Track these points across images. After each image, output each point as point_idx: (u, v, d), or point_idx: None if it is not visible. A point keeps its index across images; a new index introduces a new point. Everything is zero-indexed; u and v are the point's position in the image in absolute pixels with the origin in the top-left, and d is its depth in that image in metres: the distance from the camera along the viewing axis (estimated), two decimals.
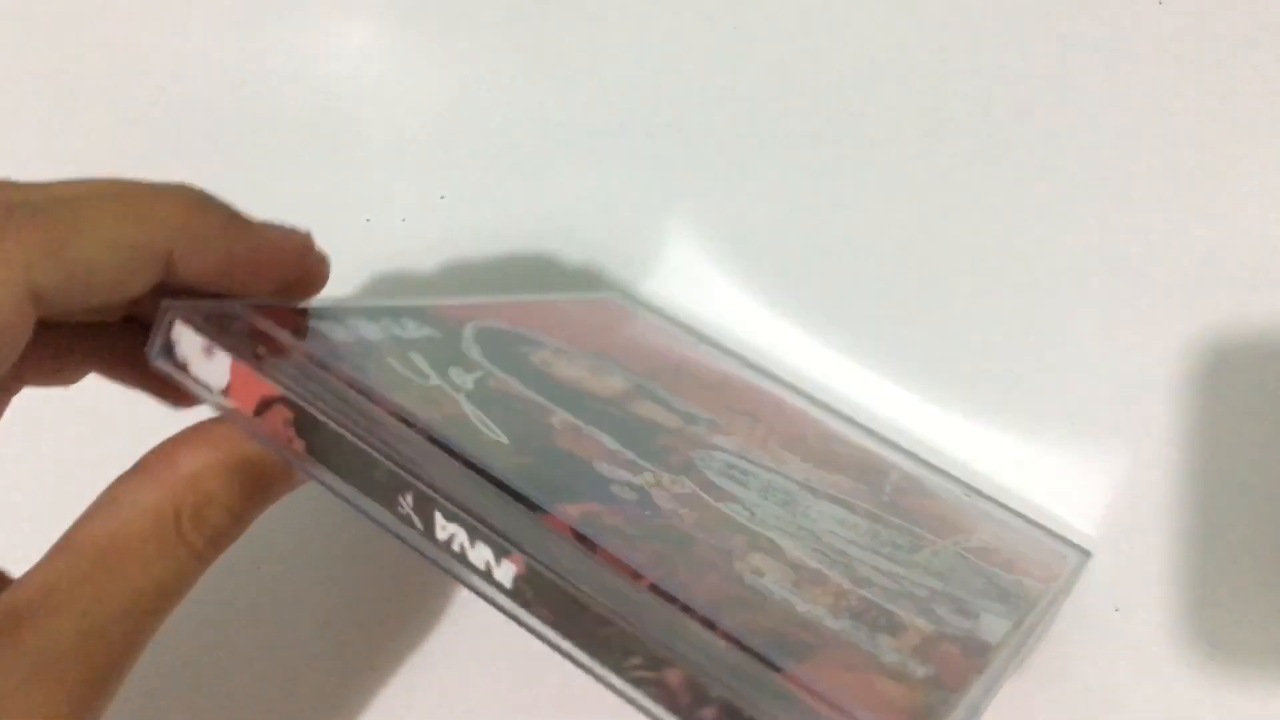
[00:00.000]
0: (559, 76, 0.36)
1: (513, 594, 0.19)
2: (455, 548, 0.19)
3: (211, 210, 0.22)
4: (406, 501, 0.20)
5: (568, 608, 0.18)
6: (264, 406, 0.21)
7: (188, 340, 0.21)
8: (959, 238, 0.33)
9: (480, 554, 0.19)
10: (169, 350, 0.22)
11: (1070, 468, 0.31)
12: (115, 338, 0.24)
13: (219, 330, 0.21)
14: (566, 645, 0.18)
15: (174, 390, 0.22)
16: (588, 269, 0.35)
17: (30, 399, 0.24)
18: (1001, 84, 0.33)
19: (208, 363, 0.21)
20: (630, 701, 0.18)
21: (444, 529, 0.19)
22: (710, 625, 0.18)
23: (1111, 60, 0.32)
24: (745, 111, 0.34)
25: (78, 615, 0.20)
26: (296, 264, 0.24)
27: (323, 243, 0.24)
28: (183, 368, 0.21)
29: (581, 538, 0.19)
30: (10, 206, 0.19)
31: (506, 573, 0.19)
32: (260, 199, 0.24)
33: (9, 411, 0.23)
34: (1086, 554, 0.30)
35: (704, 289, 0.34)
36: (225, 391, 0.21)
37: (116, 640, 0.20)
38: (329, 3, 0.37)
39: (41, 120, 0.38)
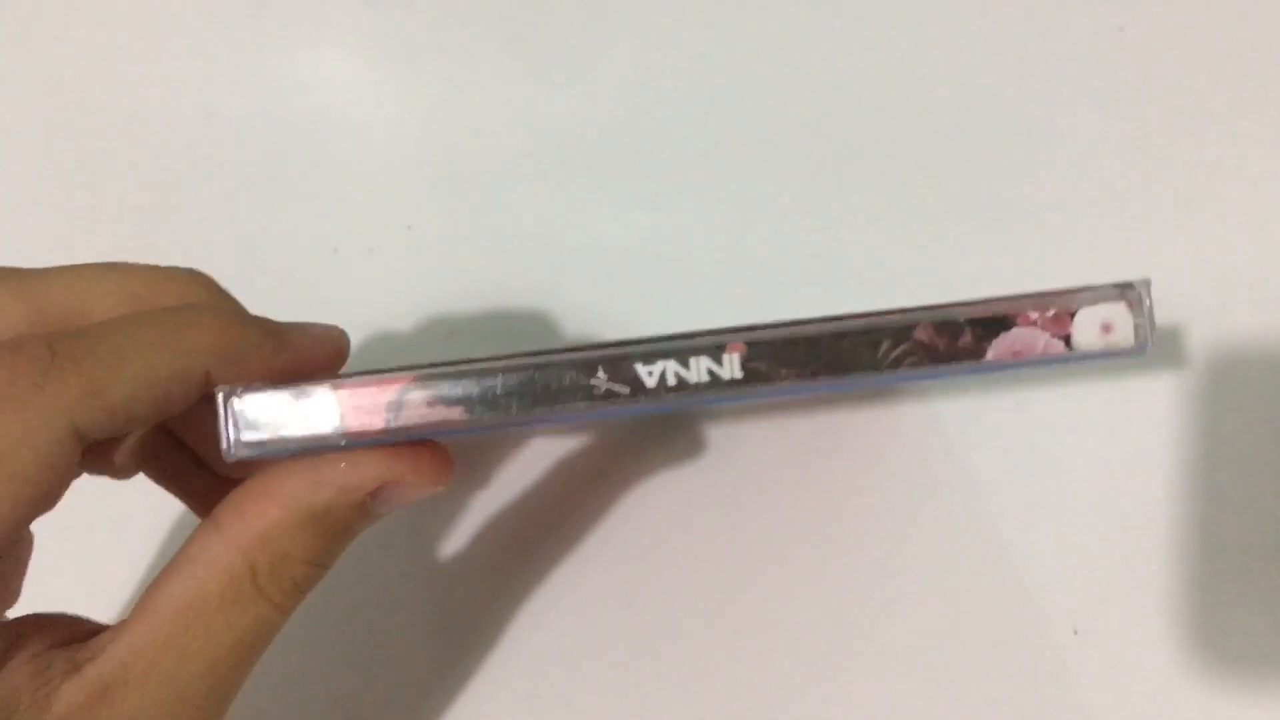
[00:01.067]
0: (526, 107, 0.36)
1: (748, 379, 0.19)
2: (671, 382, 0.19)
3: (247, 328, 0.21)
4: (601, 378, 0.19)
5: (802, 352, 0.19)
6: (396, 408, 0.19)
7: (265, 404, 0.19)
8: (935, 262, 0.34)
9: (699, 369, 0.19)
10: (252, 427, 0.19)
11: None
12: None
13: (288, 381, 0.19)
14: (821, 384, 0.19)
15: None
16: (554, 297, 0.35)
17: None
18: (966, 109, 0.34)
19: (303, 409, 0.19)
20: (902, 381, 0.19)
21: (651, 374, 0.19)
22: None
23: (1073, 84, 0.34)
24: (716, 144, 0.35)
25: (164, 680, 0.20)
26: (333, 365, 0.23)
27: (290, 274, 0.22)
28: (274, 435, 0.19)
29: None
30: (53, 351, 0.19)
31: (732, 365, 0.19)
32: (228, 230, 0.22)
33: None
34: None
35: (679, 316, 0.35)
36: (343, 427, 0.19)
37: (202, 698, 0.20)
38: (296, 34, 0.37)
39: (5, 153, 0.37)
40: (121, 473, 0.25)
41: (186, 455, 0.26)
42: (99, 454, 0.24)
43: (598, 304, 0.34)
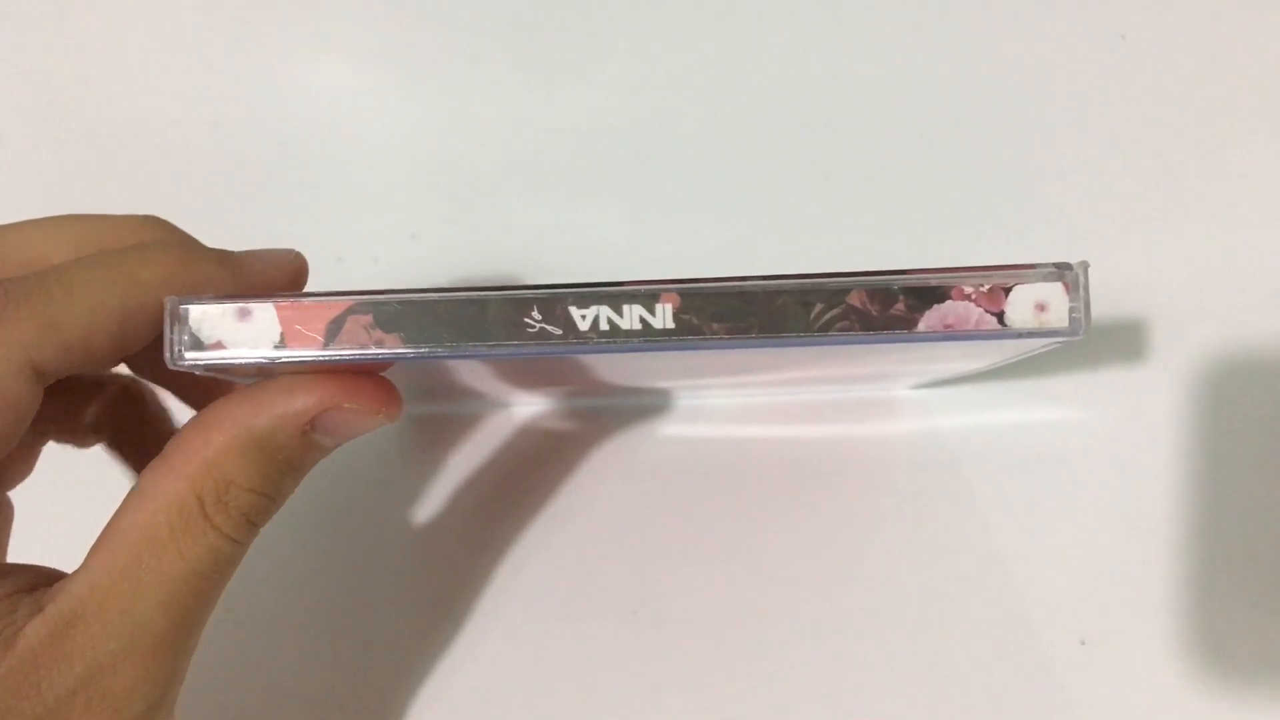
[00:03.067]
0: (529, 115, 0.36)
1: (678, 330, 0.19)
2: (604, 326, 0.20)
3: (199, 258, 0.22)
4: (533, 317, 0.20)
5: (735, 307, 0.19)
6: (335, 329, 0.20)
7: (212, 317, 0.20)
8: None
9: (632, 317, 0.20)
10: (196, 344, 0.20)
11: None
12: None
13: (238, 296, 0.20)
14: (752, 341, 0.19)
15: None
16: None
17: None
18: (971, 115, 0.34)
19: (246, 327, 0.20)
20: (831, 345, 0.19)
21: (584, 317, 0.20)
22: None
23: (1077, 90, 0.34)
24: (719, 151, 0.35)
25: (121, 612, 0.20)
26: (291, 288, 0.24)
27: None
28: (218, 349, 0.20)
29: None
30: (5, 290, 0.20)
31: (664, 314, 0.19)
32: (232, 238, 0.24)
33: None
34: None
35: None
36: (282, 343, 0.20)
37: (162, 630, 0.21)
38: (301, 42, 0.37)
39: (12, 159, 0.37)
40: (87, 438, 0.26)
41: (151, 431, 0.27)
42: (67, 412, 0.25)
43: None
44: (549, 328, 0.20)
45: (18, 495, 0.26)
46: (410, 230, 0.35)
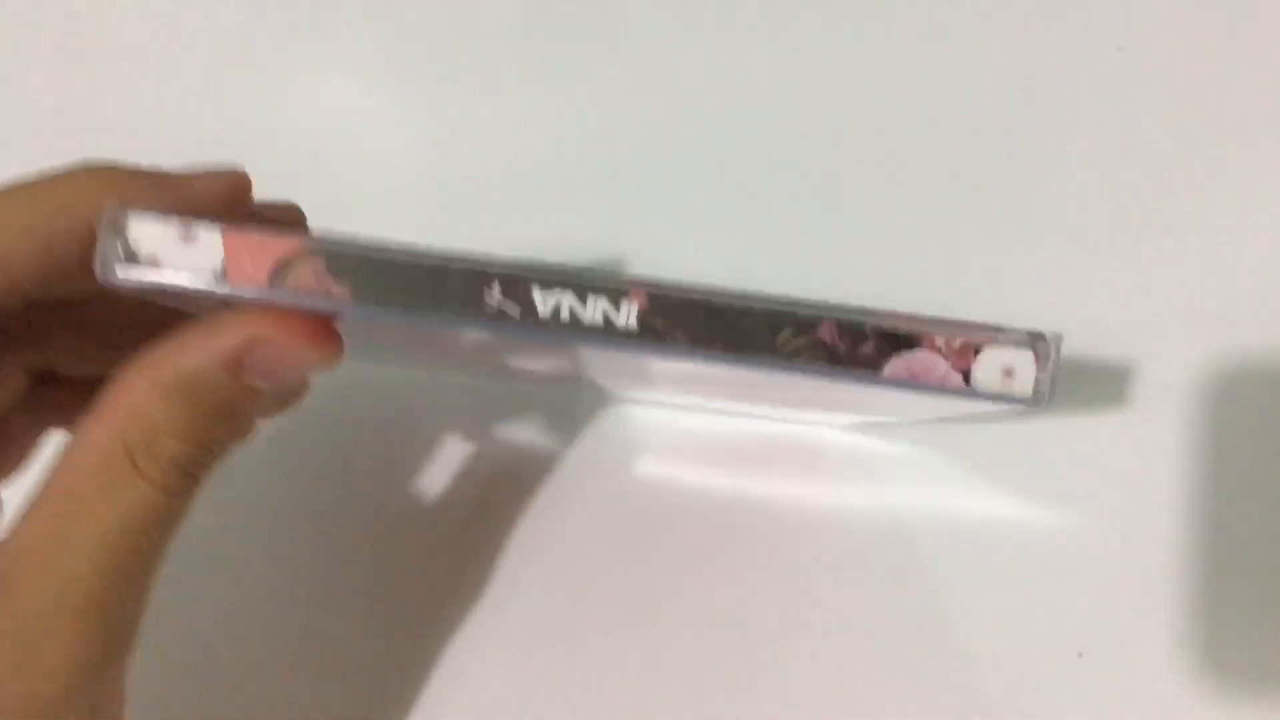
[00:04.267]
0: (539, 126, 0.35)
1: (641, 333, 0.19)
2: (564, 316, 0.19)
3: (131, 177, 0.21)
4: (493, 294, 0.19)
5: (701, 318, 0.19)
6: (282, 269, 0.19)
7: (152, 232, 0.18)
8: (932, 277, 0.34)
9: (595, 309, 0.19)
10: (131, 257, 0.18)
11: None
12: None
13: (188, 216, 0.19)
14: (714, 356, 0.19)
15: None
16: None
17: None
18: (968, 130, 0.34)
19: (188, 249, 0.18)
20: (793, 374, 0.19)
21: (546, 302, 0.19)
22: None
23: (1075, 103, 0.34)
24: (722, 159, 0.35)
25: (51, 569, 0.19)
26: (237, 204, 0.22)
27: None
28: (154, 268, 0.18)
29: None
30: None
31: (629, 314, 0.19)
32: None
33: None
34: None
35: None
36: (223, 274, 0.19)
37: (96, 589, 0.20)
38: (306, 59, 0.37)
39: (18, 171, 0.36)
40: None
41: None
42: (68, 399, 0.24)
43: None
44: (507, 307, 0.19)
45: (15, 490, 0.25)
46: (415, 241, 0.35)
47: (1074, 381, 0.33)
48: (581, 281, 0.19)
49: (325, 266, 0.19)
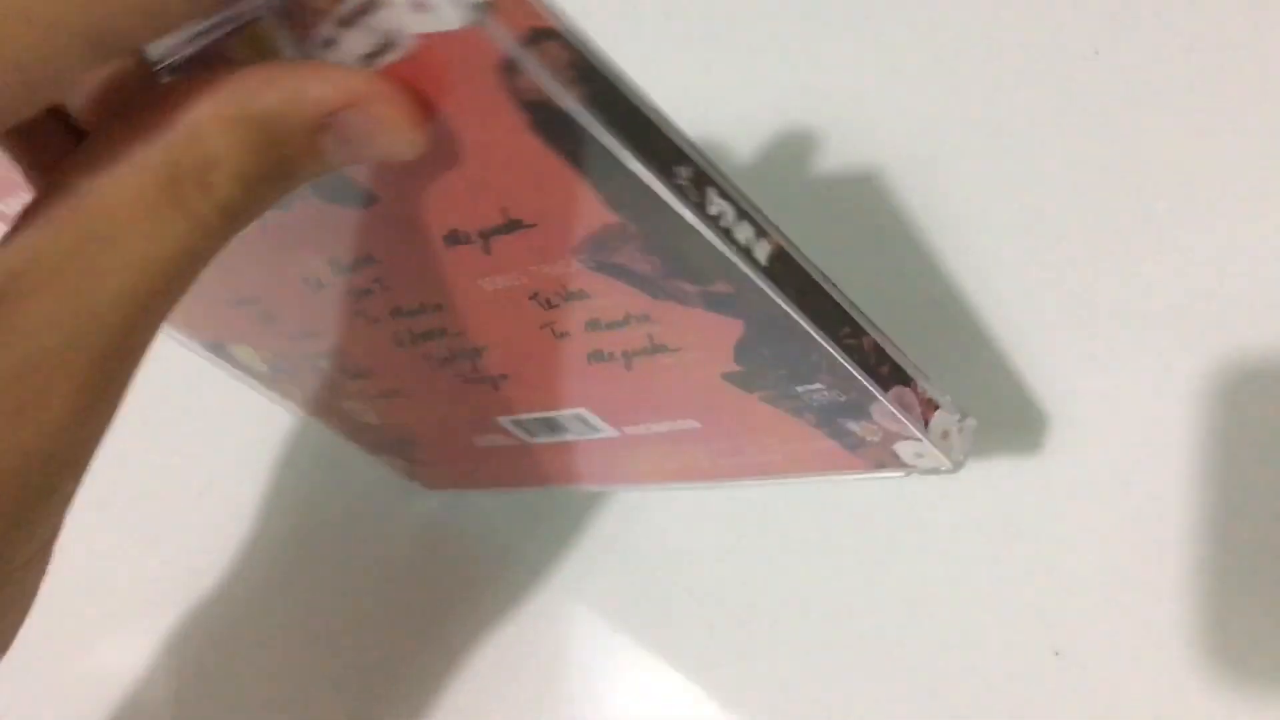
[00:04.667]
0: None
1: (766, 270, 0.21)
2: (724, 223, 0.21)
3: None
4: (684, 173, 0.20)
5: (808, 285, 0.22)
6: (536, 37, 0.19)
7: None
8: (942, 283, 0.35)
9: (743, 231, 0.21)
10: None
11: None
12: None
13: None
14: (799, 317, 0.22)
15: None
16: None
17: None
18: (943, 133, 0.36)
19: None
20: (838, 361, 0.23)
21: (715, 204, 0.21)
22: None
23: (1051, 106, 0.35)
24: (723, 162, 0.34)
25: (68, 295, 0.17)
26: None
27: None
28: None
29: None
30: None
31: (763, 251, 0.21)
32: None
33: None
34: None
35: None
36: (492, 6, 0.18)
37: (116, 329, 0.17)
38: None
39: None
40: None
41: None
42: None
43: None
44: (690, 189, 0.20)
45: None
46: None
47: (1050, 380, 0.33)
48: (744, 204, 0.21)
49: (571, 59, 0.19)
